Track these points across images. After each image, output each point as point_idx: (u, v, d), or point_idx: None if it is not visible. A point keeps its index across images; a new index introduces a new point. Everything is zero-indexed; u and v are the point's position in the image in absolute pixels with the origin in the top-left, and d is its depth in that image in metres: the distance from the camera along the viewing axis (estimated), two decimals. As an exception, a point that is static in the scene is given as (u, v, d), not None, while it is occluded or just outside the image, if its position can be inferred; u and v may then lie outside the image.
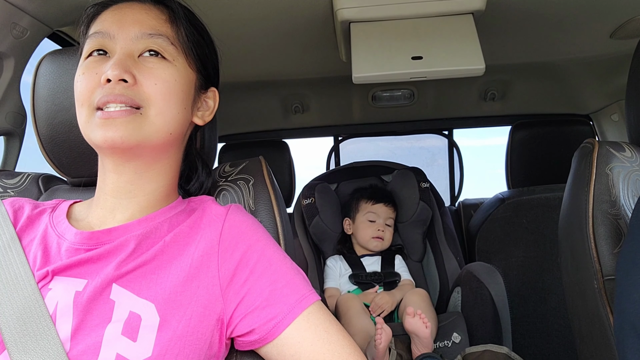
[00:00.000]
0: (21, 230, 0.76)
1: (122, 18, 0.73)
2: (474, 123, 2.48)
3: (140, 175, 0.75)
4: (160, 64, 0.72)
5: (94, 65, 0.71)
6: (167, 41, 0.73)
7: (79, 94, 0.71)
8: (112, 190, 0.75)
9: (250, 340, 0.70)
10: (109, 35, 0.72)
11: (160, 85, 0.71)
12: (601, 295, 0.95)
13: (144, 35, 0.72)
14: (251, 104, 2.20)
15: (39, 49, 1.25)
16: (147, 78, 0.70)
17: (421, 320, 1.38)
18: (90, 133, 0.70)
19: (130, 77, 0.69)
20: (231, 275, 0.70)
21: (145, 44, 0.72)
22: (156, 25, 0.74)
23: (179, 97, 0.74)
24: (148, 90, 0.70)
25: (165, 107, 0.71)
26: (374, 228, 1.89)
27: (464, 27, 1.28)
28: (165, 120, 0.72)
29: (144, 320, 0.64)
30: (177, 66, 0.74)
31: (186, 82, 0.76)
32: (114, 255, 0.70)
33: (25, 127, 1.28)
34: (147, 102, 0.70)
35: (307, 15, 1.38)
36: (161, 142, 0.73)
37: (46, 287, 0.67)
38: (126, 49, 0.71)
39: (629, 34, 1.54)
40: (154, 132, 0.71)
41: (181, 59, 0.75)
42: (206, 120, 0.83)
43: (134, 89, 0.69)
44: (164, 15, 0.75)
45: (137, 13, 0.74)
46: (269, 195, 0.89)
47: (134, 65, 0.70)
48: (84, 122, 0.71)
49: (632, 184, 1.02)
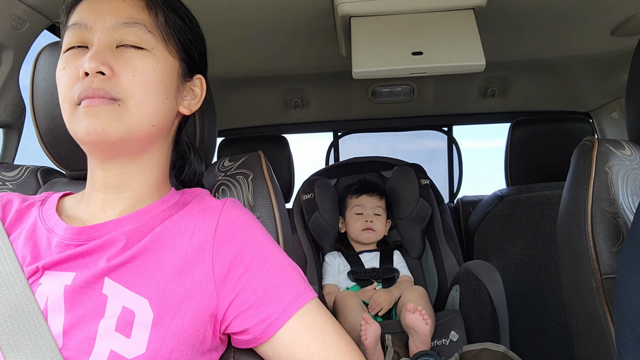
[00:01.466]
0: (10, 224, 0.75)
1: (98, 7, 0.71)
2: (473, 120, 2.48)
3: (127, 170, 0.74)
4: (137, 53, 0.70)
5: (73, 59, 0.70)
6: (144, 29, 0.71)
7: (61, 90, 0.70)
8: (101, 186, 0.74)
9: (244, 339, 0.70)
10: (86, 26, 0.70)
11: (138, 76, 0.69)
12: (599, 294, 0.95)
13: (120, 24, 0.70)
14: (251, 98, 2.20)
15: (37, 41, 1.25)
16: (125, 70, 0.69)
17: (421, 316, 1.38)
18: (75, 127, 0.68)
19: (108, 69, 0.67)
20: (226, 270, 0.69)
21: (122, 34, 0.70)
22: (132, 13, 0.71)
23: (158, 87, 0.72)
24: (126, 82, 0.68)
25: (144, 98, 0.70)
26: (362, 220, 1.89)
27: (465, 22, 1.27)
28: (146, 112, 0.70)
29: (138, 317, 0.64)
30: (157, 55, 0.72)
31: (167, 71, 0.74)
32: (104, 249, 0.69)
33: (24, 119, 1.28)
34: (125, 95, 0.68)
35: (308, 10, 1.37)
36: (144, 134, 0.72)
37: (36, 283, 0.67)
38: (103, 40, 0.69)
39: (630, 31, 1.53)
40: (136, 124, 0.69)
41: (160, 47, 0.73)
42: (193, 109, 0.81)
43: (111, 82, 0.67)
44: (140, 2, 0.73)
45: (113, 2, 0.72)
46: (268, 190, 0.89)
47: (112, 56, 0.68)
48: (68, 118, 0.69)
49: (632, 182, 1.02)
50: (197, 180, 0.88)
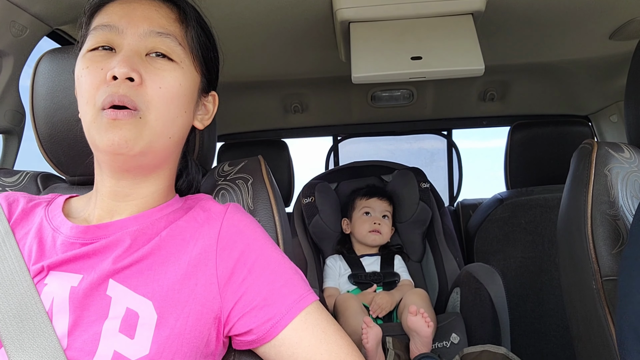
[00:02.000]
0: (15, 223, 0.75)
1: (131, 12, 0.71)
2: (473, 123, 2.48)
3: (139, 182, 0.75)
4: (167, 65, 0.71)
5: (99, 60, 0.69)
6: (175, 41, 0.72)
7: (84, 91, 0.68)
8: (110, 193, 0.74)
9: (247, 340, 0.70)
10: (117, 29, 0.69)
11: (164, 89, 0.69)
12: (599, 296, 0.95)
13: (153, 33, 0.70)
14: (250, 103, 2.20)
15: (37, 47, 1.25)
16: (154, 80, 0.69)
17: (423, 318, 1.38)
18: (96, 135, 0.67)
19: (138, 76, 0.67)
20: (229, 273, 0.70)
21: (154, 42, 0.70)
22: (165, 24, 0.72)
23: (180, 101, 0.72)
24: (151, 93, 0.68)
25: (165, 111, 0.70)
26: (370, 222, 1.89)
27: (464, 27, 1.28)
28: (165, 125, 0.71)
29: (142, 318, 0.64)
30: (184, 69, 0.73)
31: (190, 85, 0.74)
32: (110, 250, 0.69)
33: (24, 125, 1.28)
34: (148, 106, 0.68)
35: (307, 15, 1.38)
36: (162, 147, 0.72)
37: (42, 283, 0.67)
38: (134, 45, 0.69)
39: (628, 35, 1.54)
40: (155, 137, 0.70)
41: (188, 61, 0.74)
42: (205, 124, 0.82)
43: (138, 90, 0.67)
44: (173, 14, 0.74)
45: (146, 9, 0.72)
46: (268, 194, 0.89)
47: (141, 64, 0.68)
48: (90, 122, 0.68)
49: (631, 184, 1.02)
50: (194, 189, 0.88)
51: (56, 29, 1.31)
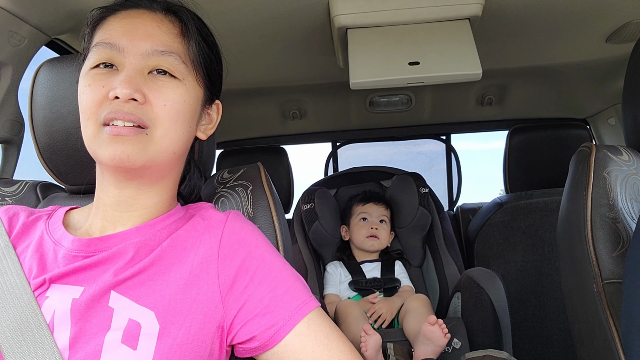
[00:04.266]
0: (16, 237, 0.75)
1: (132, 30, 0.70)
2: (471, 128, 2.49)
3: (143, 191, 0.75)
4: (170, 83, 0.70)
5: (101, 78, 0.68)
6: (178, 59, 0.71)
7: (85, 107, 0.69)
8: (113, 204, 0.74)
9: (250, 347, 0.70)
10: (118, 48, 0.69)
11: (169, 106, 0.69)
12: (601, 299, 0.95)
13: (156, 52, 0.70)
14: (249, 110, 2.20)
15: (36, 57, 1.25)
16: (157, 98, 0.69)
17: (441, 329, 1.38)
18: (97, 149, 0.67)
19: (141, 96, 0.67)
20: (231, 282, 0.70)
21: (157, 61, 0.70)
22: (168, 40, 0.72)
23: (186, 117, 0.73)
24: (157, 111, 0.68)
25: (171, 128, 0.70)
26: (367, 227, 1.89)
27: (461, 32, 1.28)
28: (171, 142, 0.71)
29: (144, 328, 0.64)
30: (187, 85, 0.73)
31: (194, 101, 0.75)
32: (111, 262, 0.69)
33: (23, 135, 1.28)
34: (154, 123, 0.68)
35: (305, 22, 1.38)
36: (166, 162, 0.73)
37: (43, 296, 0.67)
38: (136, 64, 0.69)
39: (625, 38, 1.54)
40: (159, 152, 0.70)
41: (191, 77, 0.74)
42: (208, 134, 0.82)
43: (143, 108, 0.67)
44: (175, 28, 0.73)
45: (148, 26, 0.71)
46: (268, 201, 0.89)
47: (144, 83, 0.68)
48: (90, 137, 0.68)
49: (630, 187, 1.02)
50: (195, 194, 0.88)
51: (55, 38, 1.32)
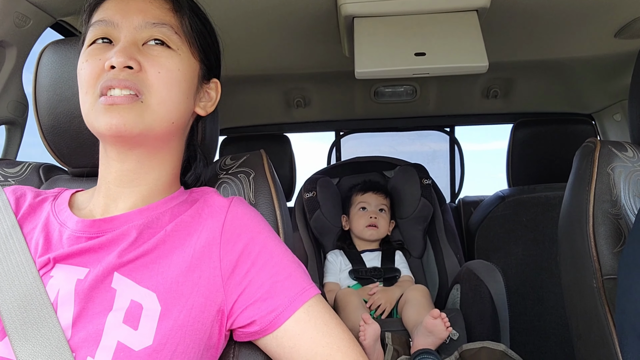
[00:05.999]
0: (23, 217, 0.75)
1: (125, 7, 0.73)
2: (475, 120, 2.48)
3: (143, 164, 0.75)
4: (164, 52, 0.72)
5: (97, 52, 0.71)
6: (171, 30, 0.73)
7: (83, 81, 0.71)
8: (115, 179, 0.75)
9: (250, 331, 0.70)
10: (113, 23, 0.71)
11: (163, 73, 0.71)
12: (600, 295, 0.95)
13: (148, 24, 0.72)
14: (253, 97, 2.20)
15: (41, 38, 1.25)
16: (152, 65, 0.70)
17: (443, 322, 1.38)
18: (94, 120, 0.69)
19: (135, 63, 0.68)
20: (233, 266, 0.70)
21: (150, 32, 0.72)
22: (160, 14, 0.74)
23: (181, 86, 0.74)
24: (151, 78, 0.70)
25: (167, 95, 0.71)
26: (366, 216, 1.90)
27: (468, 24, 1.27)
28: (168, 109, 0.72)
29: (145, 309, 0.65)
30: (181, 55, 0.74)
31: (189, 71, 0.76)
32: (115, 244, 0.70)
33: (26, 116, 1.28)
34: (149, 90, 0.70)
35: (311, 10, 1.37)
36: (164, 130, 0.74)
37: (47, 275, 0.67)
38: (130, 37, 0.71)
39: (634, 33, 1.53)
40: (157, 120, 0.71)
41: (185, 48, 0.75)
42: (208, 110, 0.84)
43: (138, 76, 0.69)
44: (167, 4, 0.75)
45: (140, 2, 0.73)
46: (270, 188, 0.89)
47: (139, 52, 0.70)
48: (88, 109, 0.70)
49: (634, 184, 1.02)
50: (200, 184, 0.89)
51: (60, 20, 1.31)
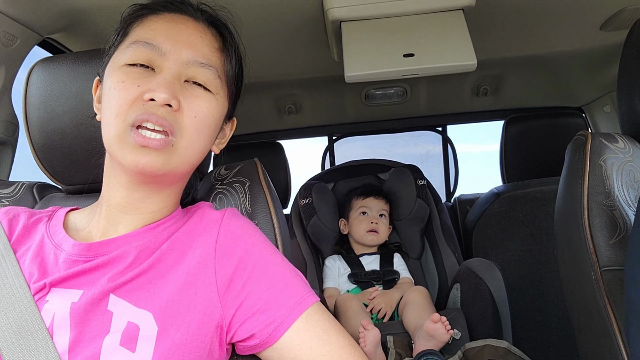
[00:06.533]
0: (17, 240, 0.74)
1: (175, 36, 0.70)
2: (467, 118, 2.48)
3: (153, 195, 0.74)
4: (205, 95, 0.71)
5: (137, 77, 0.67)
6: (215, 74, 0.72)
7: (115, 104, 0.67)
8: (120, 205, 0.74)
9: (250, 345, 0.70)
10: (160, 50, 0.69)
11: (199, 118, 0.69)
12: (599, 287, 0.95)
13: (196, 62, 0.70)
14: (244, 105, 2.17)
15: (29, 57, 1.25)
16: (190, 108, 0.68)
17: (443, 326, 1.38)
18: (120, 151, 0.66)
19: (176, 103, 0.66)
20: (229, 280, 0.70)
21: (195, 72, 0.70)
22: (208, 53, 0.72)
23: (210, 131, 0.73)
24: (186, 121, 0.68)
25: (196, 140, 0.70)
26: (367, 221, 1.90)
27: (455, 23, 1.28)
28: (194, 153, 0.71)
29: (142, 330, 0.64)
30: (218, 100, 0.73)
31: (220, 115, 0.75)
32: (111, 265, 0.69)
33: (17, 135, 1.27)
34: (182, 133, 0.68)
35: (298, 15, 1.38)
36: (185, 171, 0.74)
37: (43, 299, 0.66)
38: (175, 71, 0.68)
39: (619, 25, 1.54)
40: (181, 163, 0.70)
41: (222, 92, 0.74)
42: (220, 147, 0.83)
43: (175, 115, 0.67)
44: (217, 43, 0.74)
45: (192, 35, 0.71)
46: (265, 197, 0.89)
47: (180, 90, 0.68)
48: (114, 137, 0.67)
49: (626, 174, 1.02)
50: (191, 195, 0.88)
51: (47, 37, 1.31)
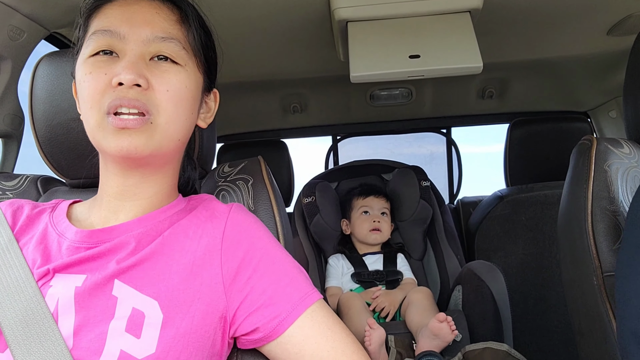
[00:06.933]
0: (20, 230, 0.75)
1: (131, 17, 0.70)
2: (472, 121, 2.48)
3: (146, 179, 0.75)
4: (172, 68, 0.70)
5: (102, 65, 0.68)
6: (179, 45, 0.71)
7: (87, 96, 0.67)
8: (117, 193, 0.74)
9: (254, 338, 0.70)
10: (118, 35, 0.69)
11: (172, 92, 0.69)
12: (601, 292, 0.95)
13: (156, 38, 0.70)
14: (249, 104, 2.20)
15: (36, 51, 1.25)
16: (160, 84, 0.68)
17: (448, 325, 1.38)
18: (102, 139, 0.67)
19: (144, 81, 0.66)
20: (234, 273, 0.70)
21: (158, 47, 0.70)
22: (167, 27, 0.71)
23: (188, 103, 0.73)
24: (160, 97, 0.68)
25: (175, 114, 0.70)
26: (369, 220, 1.90)
27: (461, 25, 1.28)
28: (176, 128, 0.71)
29: (148, 318, 0.65)
30: (188, 71, 0.72)
31: (195, 87, 0.74)
32: (114, 252, 0.70)
33: (23, 129, 1.28)
34: (158, 109, 0.68)
35: (305, 15, 1.38)
36: (171, 149, 0.73)
37: (47, 285, 0.67)
38: (137, 51, 0.68)
39: (626, 30, 1.54)
40: (165, 139, 0.70)
41: (191, 63, 0.74)
42: (207, 122, 0.83)
43: (147, 94, 0.67)
44: (174, 15, 0.73)
45: (147, 12, 0.71)
46: (268, 195, 0.89)
47: (147, 68, 0.68)
48: (94, 127, 0.68)
49: (631, 180, 1.02)
50: (191, 186, 0.89)
51: (54, 32, 1.31)
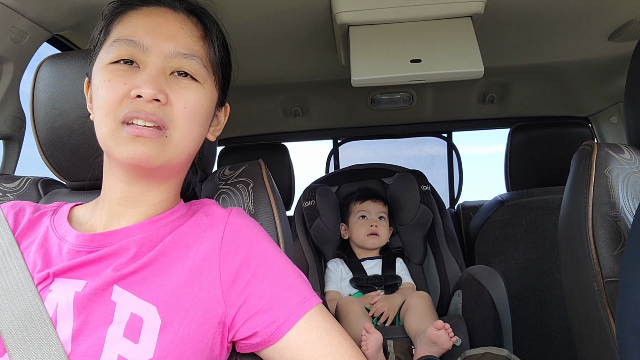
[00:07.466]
0: (21, 233, 0.75)
1: (155, 29, 0.70)
2: (473, 126, 2.48)
3: (152, 188, 0.75)
4: (192, 85, 0.71)
5: (122, 74, 0.68)
6: (200, 63, 0.72)
7: (104, 103, 0.67)
8: (120, 199, 0.75)
9: (252, 343, 0.70)
10: (142, 46, 0.69)
11: (189, 109, 0.70)
12: (601, 297, 0.95)
13: (179, 54, 0.70)
14: (251, 107, 2.20)
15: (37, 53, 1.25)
16: (179, 100, 0.69)
17: (446, 333, 1.38)
18: (115, 147, 0.67)
19: (164, 97, 0.67)
20: (233, 278, 0.70)
21: (179, 63, 0.70)
22: (190, 43, 0.72)
23: (202, 119, 0.73)
24: (177, 113, 0.69)
25: (189, 130, 0.71)
26: (367, 225, 1.90)
27: (463, 30, 1.28)
28: (188, 143, 0.72)
29: (146, 323, 0.65)
30: (206, 89, 0.73)
31: (210, 103, 0.75)
32: (114, 257, 0.70)
33: (24, 131, 1.28)
34: (173, 125, 0.69)
35: (306, 19, 1.38)
36: (181, 162, 0.74)
37: (47, 289, 0.67)
38: (159, 64, 0.69)
39: (628, 36, 1.54)
40: (177, 154, 0.71)
41: (210, 80, 0.74)
42: (216, 135, 0.83)
43: (164, 109, 0.68)
44: (198, 31, 0.74)
45: (172, 26, 0.71)
46: (269, 198, 0.89)
47: (166, 83, 0.69)
48: (108, 134, 0.68)
49: (632, 185, 1.02)
50: (191, 190, 0.89)
51: (56, 34, 1.31)
